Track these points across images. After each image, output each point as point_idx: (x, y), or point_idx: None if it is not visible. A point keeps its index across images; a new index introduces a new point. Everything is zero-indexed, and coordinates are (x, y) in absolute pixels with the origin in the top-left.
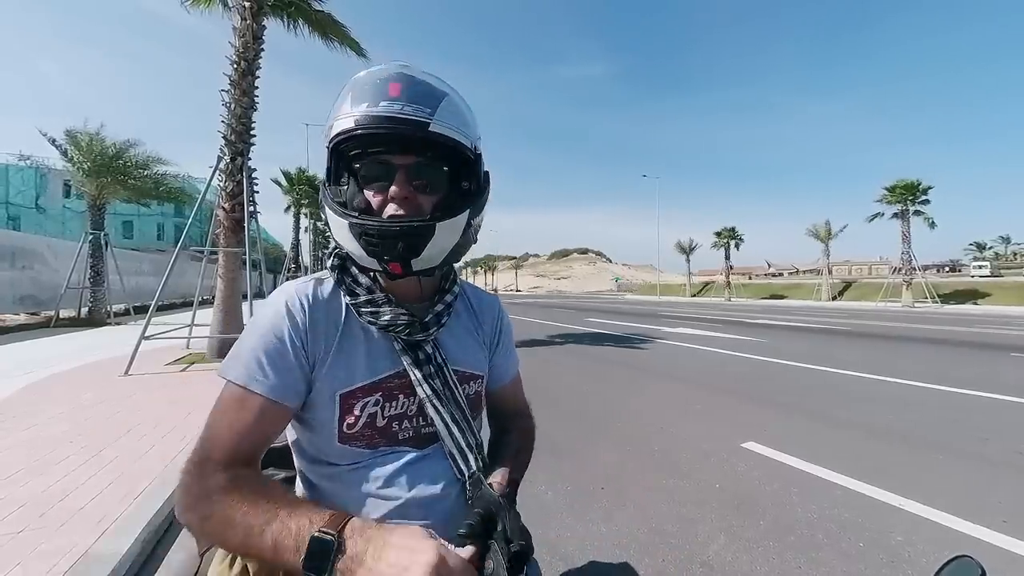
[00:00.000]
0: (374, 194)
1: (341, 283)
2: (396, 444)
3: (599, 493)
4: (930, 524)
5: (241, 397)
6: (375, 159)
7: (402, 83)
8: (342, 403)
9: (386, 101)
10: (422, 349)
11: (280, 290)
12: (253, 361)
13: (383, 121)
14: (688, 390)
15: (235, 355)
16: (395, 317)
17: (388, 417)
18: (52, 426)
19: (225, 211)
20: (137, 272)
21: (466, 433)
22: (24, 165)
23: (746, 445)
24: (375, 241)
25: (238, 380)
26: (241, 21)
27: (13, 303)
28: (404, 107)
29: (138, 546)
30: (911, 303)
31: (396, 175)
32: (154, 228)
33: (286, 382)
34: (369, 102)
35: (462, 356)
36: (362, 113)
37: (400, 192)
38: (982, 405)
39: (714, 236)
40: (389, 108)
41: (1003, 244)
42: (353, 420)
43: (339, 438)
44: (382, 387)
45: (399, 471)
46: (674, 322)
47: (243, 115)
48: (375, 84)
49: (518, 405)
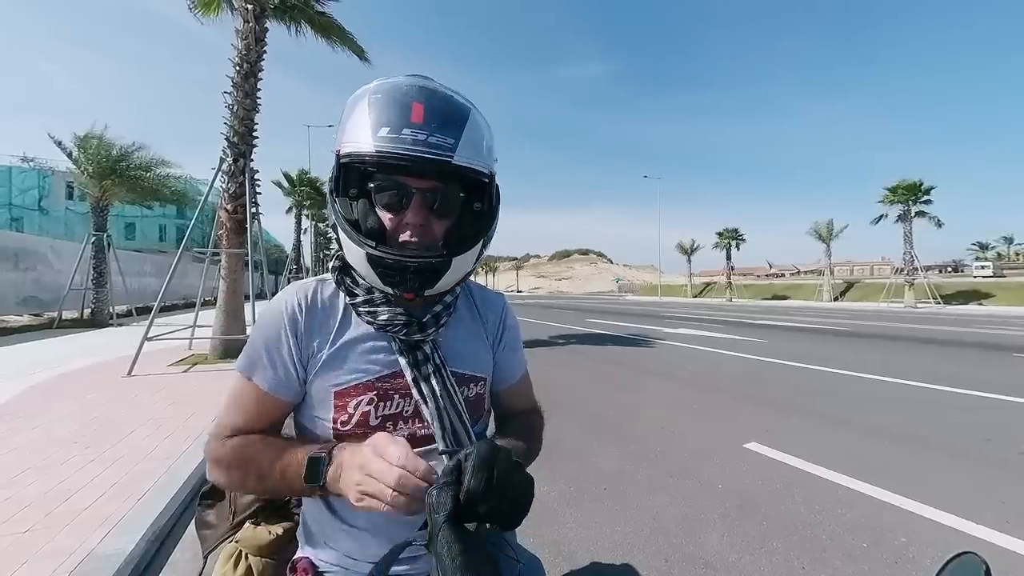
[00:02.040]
0: (389, 217)
1: (341, 284)
2: None
3: (601, 494)
4: (933, 524)
5: (242, 386)
6: (391, 180)
7: (425, 104)
8: (336, 400)
9: (409, 128)
10: (420, 350)
11: (284, 290)
12: (255, 354)
13: (405, 154)
14: (690, 390)
15: (245, 348)
16: (392, 317)
17: (382, 417)
18: (57, 426)
19: (228, 212)
20: (139, 273)
21: (461, 436)
22: (28, 167)
23: (748, 445)
24: (391, 273)
25: (241, 370)
26: (244, 24)
27: (16, 304)
28: (429, 138)
29: (143, 546)
30: (914, 304)
31: (412, 200)
32: (156, 230)
33: (280, 377)
34: (391, 127)
35: (463, 357)
36: (384, 141)
37: (416, 220)
38: (984, 405)
39: (716, 236)
40: (413, 138)
41: (1006, 244)
42: (346, 418)
43: (333, 434)
44: (376, 386)
45: None
46: (675, 323)
47: (246, 117)
48: (397, 104)
49: (527, 406)
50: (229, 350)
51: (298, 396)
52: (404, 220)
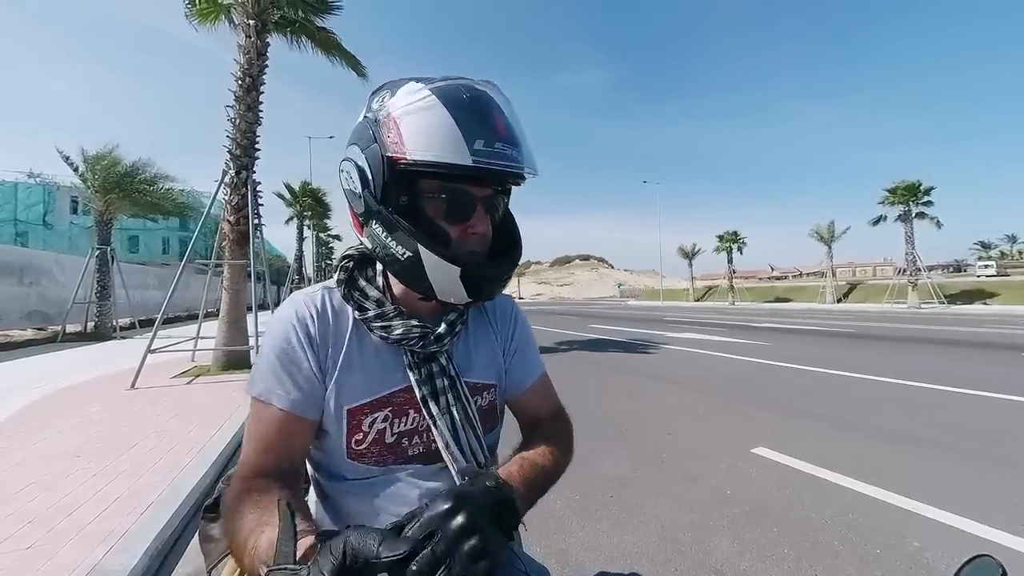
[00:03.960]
0: (453, 225)
1: (349, 298)
2: (407, 460)
3: (608, 502)
4: (946, 528)
5: (258, 411)
6: (459, 190)
7: (504, 116)
8: (350, 418)
9: (500, 142)
10: (436, 362)
11: (289, 301)
12: (271, 375)
13: (505, 170)
14: (695, 395)
15: (255, 371)
16: (407, 331)
17: (398, 433)
18: (60, 440)
19: (230, 224)
20: (143, 286)
21: (477, 452)
22: (33, 183)
23: (756, 450)
24: (480, 285)
25: (259, 396)
26: (246, 39)
27: (20, 319)
28: (513, 151)
29: (146, 561)
30: (918, 304)
31: (476, 208)
32: (159, 242)
33: (303, 395)
34: (485, 140)
35: (473, 365)
36: (482, 155)
37: (484, 229)
38: (993, 406)
39: (716, 240)
40: (504, 152)
41: (1009, 243)
42: (361, 436)
43: (348, 454)
44: (392, 402)
45: (409, 488)
46: (678, 327)
47: (248, 130)
48: (483, 115)
49: (550, 408)
50: (232, 361)
51: (318, 414)
52: (470, 229)
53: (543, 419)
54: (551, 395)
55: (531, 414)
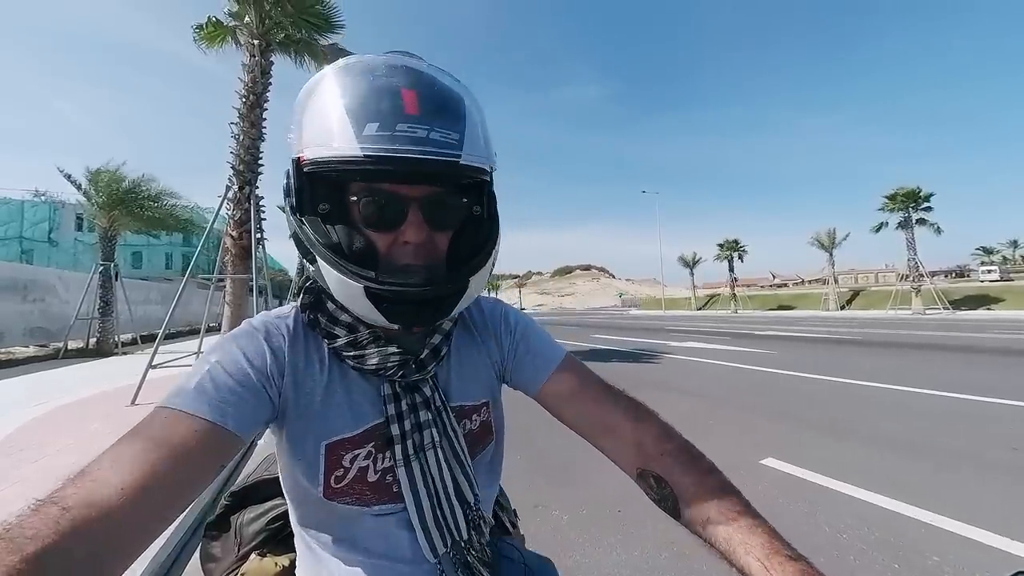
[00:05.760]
0: (379, 235)
1: (316, 324)
2: (391, 500)
3: (616, 516)
4: (966, 541)
5: (161, 418)
6: (381, 191)
7: (418, 91)
8: (328, 455)
9: (405, 123)
10: (419, 391)
11: (254, 318)
12: (200, 378)
13: (406, 157)
14: (701, 405)
15: (177, 383)
16: (384, 359)
17: (382, 470)
18: (60, 458)
19: (233, 239)
20: (145, 301)
21: (463, 489)
22: (39, 201)
23: (765, 462)
24: (399, 308)
25: (168, 404)
26: (250, 58)
27: (23, 335)
28: (430, 134)
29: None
30: (922, 310)
31: (408, 212)
32: (162, 258)
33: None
34: (381, 122)
35: (461, 389)
36: (374, 141)
37: (418, 237)
38: (1008, 414)
39: (717, 249)
40: (411, 136)
41: (1011, 248)
42: (342, 473)
43: (325, 493)
44: (374, 436)
45: (398, 528)
46: (682, 336)
47: (251, 146)
48: (382, 92)
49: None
50: None
51: (245, 442)
52: (401, 238)
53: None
54: (589, 375)
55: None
